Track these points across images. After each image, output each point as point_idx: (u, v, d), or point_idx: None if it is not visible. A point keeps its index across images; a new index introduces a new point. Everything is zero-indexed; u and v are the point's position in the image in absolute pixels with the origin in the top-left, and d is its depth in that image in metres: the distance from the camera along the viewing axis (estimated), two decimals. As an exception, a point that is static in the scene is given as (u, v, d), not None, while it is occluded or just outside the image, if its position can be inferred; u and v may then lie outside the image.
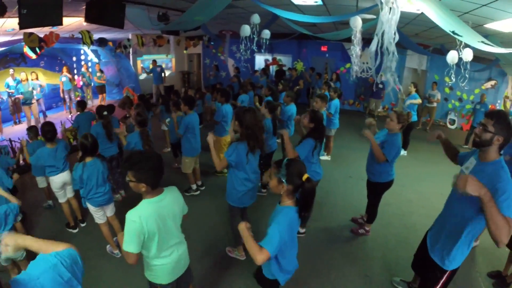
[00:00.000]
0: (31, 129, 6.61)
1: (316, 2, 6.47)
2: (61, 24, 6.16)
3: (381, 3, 2.81)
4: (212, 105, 10.27)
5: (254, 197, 4.79)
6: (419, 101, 9.43)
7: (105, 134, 6.57)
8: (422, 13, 5.46)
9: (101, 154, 5.08)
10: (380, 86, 13.45)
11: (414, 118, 9.28)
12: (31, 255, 4.84)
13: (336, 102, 8.53)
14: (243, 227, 2.81)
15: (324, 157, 8.95)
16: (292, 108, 7.76)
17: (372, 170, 5.24)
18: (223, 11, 7.42)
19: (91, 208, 4.99)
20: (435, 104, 12.73)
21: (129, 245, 2.67)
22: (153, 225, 2.74)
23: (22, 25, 5.60)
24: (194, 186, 7.27)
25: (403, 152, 9.33)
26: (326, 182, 6.22)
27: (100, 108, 6.83)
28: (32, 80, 12.35)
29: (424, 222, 5.22)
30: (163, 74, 16.30)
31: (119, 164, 7.08)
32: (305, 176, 2.78)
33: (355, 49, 6.36)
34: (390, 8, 2.76)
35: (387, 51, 2.89)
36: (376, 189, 5.36)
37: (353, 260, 5.20)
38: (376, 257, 5.27)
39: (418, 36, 9.52)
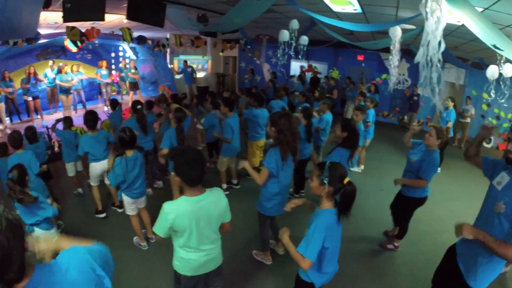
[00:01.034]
0: (66, 120, 6.85)
1: (355, 10, 6.38)
2: (103, 19, 6.28)
3: (426, 12, 2.72)
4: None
5: (283, 207, 4.73)
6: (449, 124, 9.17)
7: (139, 127, 6.72)
8: (462, 25, 5.32)
9: (139, 146, 5.22)
10: (415, 98, 13.21)
11: (450, 134, 8.99)
12: (68, 232, 4.94)
13: (372, 112, 8.40)
14: (286, 239, 2.96)
15: (355, 169, 8.79)
16: (328, 117, 7.68)
17: (408, 186, 5.09)
18: (261, 15, 7.41)
19: (127, 200, 5.09)
20: (468, 120, 12.16)
21: (159, 230, 2.78)
22: (185, 224, 2.75)
23: (65, 19, 5.74)
24: (224, 186, 7.29)
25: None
26: (356, 193, 6.17)
27: (134, 102, 7.04)
28: (71, 72, 12.96)
29: (455, 241, 5.05)
30: (194, 75, 16.53)
31: (155, 159, 7.25)
32: (347, 179, 2.81)
33: (393, 60, 6.22)
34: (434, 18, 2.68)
35: (431, 63, 2.81)
36: (409, 204, 5.18)
37: (379, 275, 5.07)
38: (404, 274, 5.11)
39: (457, 49, 9.28)
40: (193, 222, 2.78)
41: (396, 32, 5.84)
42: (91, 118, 5.94)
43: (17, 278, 1.33)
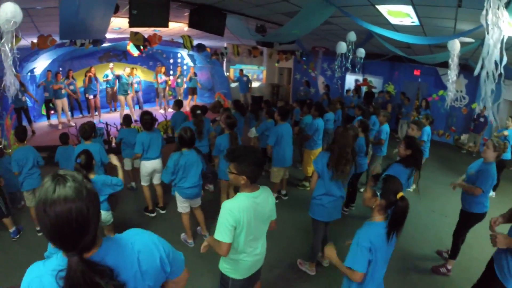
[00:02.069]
0: (125, 118, 7.48)
1: (413, 22, 6.33)
2: (167, 26, 6.51)
3: (487, 24, 2.70)
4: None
5: (337, 213, 4.74)
6: (505, 133, 8.77)
7: (196, 131, 6.83)
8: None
9: (197, 148, 5.37)
10: (482, 119, 12.37)
11: (507, 156, 8.48)
12: (116, 223, 5.12)
13: (427, 129, 8.19)
14: (332, 256, 3.00)
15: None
16: (387, 128, 7.66)
17: (466, 199, 4.99)
18: (319, 28, 7.46)
19: (178, 198, 5.30)
20: None
21: (223, 234, 2.80)
22: (246, 218, 2.85)
23: (131, 24, 6.04)
24: (275, 195, 7.21)
25: (491, 193, 8.52)
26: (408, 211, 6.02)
27: (194, 107, 7.31)
28: (132, 75, 13.72)
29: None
30: (249, 84, 16.76)
31: (207, 162, 7.39)
32: (400, 194, 2.76)
33: (451, 74, 6.09)
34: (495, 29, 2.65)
35: (493, 77, 2.78)
36: (468, 220, 5.05)
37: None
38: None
39: (518, 64, 8.95)
40: (252, 217, 2.89)
41: (455, 46, 5.73)
42: (148, 118, 6.24)
43: (89, 247, 1.41)
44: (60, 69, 13.98)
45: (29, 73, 12.44)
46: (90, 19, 4.89)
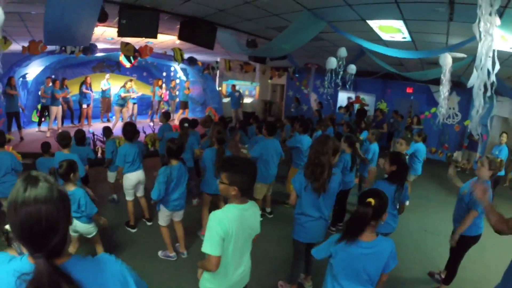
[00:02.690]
0: (106, 129, 7.64)
1: (404, 38, 6.30)
2: (155, 37, 6.53)
3: (480, 32, 2.62)
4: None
5: (318, 235, 4.46)
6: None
7: None
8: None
9: (183, 158, 5.41)
10: (477, 137, 12.20)
11: (501, 172, 8.38)
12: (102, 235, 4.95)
13: (419, 146, 8.06)
14: None
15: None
16: (375, 147, 7.49)
17: (455, 217, 4.81)
18: (310, 43, 7.42)
19: (163, 210, 5.15)
20: None
21: (212, 247, 2.64)
22: (235, 229, 2.72)
23: (120, 33, 6.10)
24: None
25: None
26: (397, 232, 5.75)
27: (182, 120, 7.33)
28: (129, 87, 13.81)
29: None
30: (241, 100, 16.77)
31: (192, 176, 7.30)
32: (370, 199, 2.76)
33: (443, 90, 6.01)
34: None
35: (485, 87, 2.69)
36: (463, 243, 4.78)
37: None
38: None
39: (511, 79, 8.91)
40: (240, 230, 2.77)
41: (447, 60, 5.69)
42: (130, 129, 6.08)
43: (58, 251, 1.39)
44: (53, 76, 13.71)
45: (21, 79, 12.52)
46: (74, 25, 4.85)
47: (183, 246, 5.57)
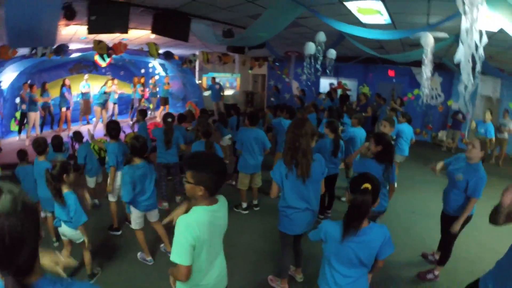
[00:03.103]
0: (76, 134, 7.36)
1: (385, 20, 6.16)
2: (126, 32, 6.32)
3: (463, 4, 2.50)
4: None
5: (306, 225, 4.26)
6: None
7: (163, 139, 6.78)
8: (499, 30, 5.02)
9: (148, 157, 5.07)
10: (460, 116, 12.35)
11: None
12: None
13: (403, 126, 7.99)
14: None
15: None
16: (359, 132, 7.35)
17: (451, 203, 4.65)
18: (288, 31, 7.27)
19: (135, 212, 4.93)
20: (506, 135, 11.17)
21: (181, 256, 2.39)
22: (207, 235, 2.46)
23: (90, 30, 5.89)
24: (244, 205, 6.96)
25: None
26: (386, 216, 5.65)
27: (166, 115, 7.08)
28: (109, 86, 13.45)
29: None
30: (221, 92, 16.63)
31: (177, 172, 7.21)
32: (366, 185, 2.64)
33: (426, 71, 5.89)
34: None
35: (472, 62, 2.58)
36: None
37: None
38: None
39: (493, 59, 8.84)
40: (211, 233, 2.52)
41: (429, 40, 5.54)
42: (114, 127, 5.88)
43: (26, 269, 1.25)
44: (29, 81, 13.17)
45: None
46: (36, 24, 4.61)
47: (168, 245, 5.33)
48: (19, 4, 4.12)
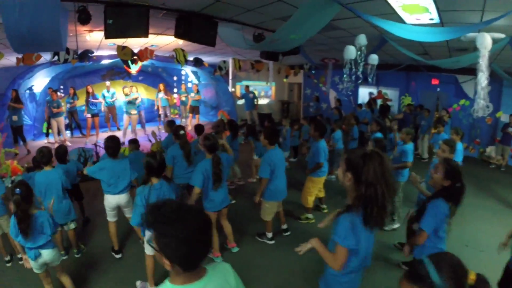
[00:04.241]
0: (133, 141, 7.39)
1: (432, 19, 5.40)
2: (146, 36, 5.86)
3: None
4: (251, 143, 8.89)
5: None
6: None
7: (183, 155, 6.12)
8: None
9: (166, 176, 4.58)
10: (511, 129, 11.00)
11: None
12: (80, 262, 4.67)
13: (460, 147, 6.63)
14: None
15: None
16: (409, 147, 6.25)
17: None
18: (324, 35, 6.64)
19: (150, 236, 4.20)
20: None
21: None
22: None
23: (107, 35, 5.49)
24: (270, 235, 6.04)
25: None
26: None
27: (176, 128, 6.38)
28: (131, 93, 13.06)
29: None
30: (255, 101, 16.04)
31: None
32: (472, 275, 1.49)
33: (482, 78, 4.91)
34: None
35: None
36: None
37: None
38: None
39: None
40: None
41: (486, 42, 4.67)
42: (111, 144, 5.31)
43: None
44: (62, 87, 13.99)
45: (27, 91, 12.50)
46: (37, 30, 4.19)
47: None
48: (14, 8, 3.78)
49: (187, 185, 6.12)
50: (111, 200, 5.30)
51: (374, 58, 7.64)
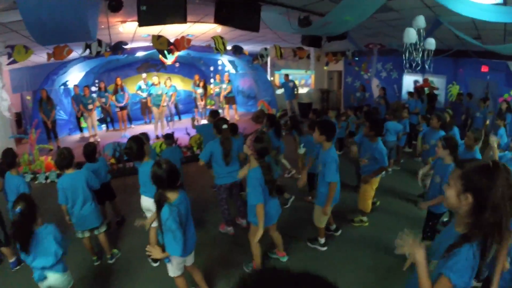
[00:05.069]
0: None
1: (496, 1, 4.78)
2: (184, 22, 5.46)
3: None
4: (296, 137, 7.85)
5: None
6: None
7: (222, 153, 5.31)
8: None
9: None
10: None
11: None
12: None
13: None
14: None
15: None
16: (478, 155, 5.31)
17: None
18: (372, 17, 6.05)
19: (177, 259, 3.60)
20: None
21: None
22: None
23: (141, 23, 5.16)
24: (322, 241, 5.26)
25: None
26: None
27: (219, 120, 5.50)
28: (165, 85, 12.99)
29: None
30: (295, 90, 15.41)
31: (238, 191, 6.03)
32: None
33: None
34: None
35: None
36: None
37: None
38: None
39: None
40: None
41: None
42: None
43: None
44: (97, 81, 13.94)
45: (62, 87, 12.71)
46: (59, 15, 3.83)
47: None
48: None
49: (230, 185, 5.56)
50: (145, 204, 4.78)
51: (431, 43, 6.89)
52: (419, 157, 8.61)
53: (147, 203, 4.59)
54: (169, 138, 6.87)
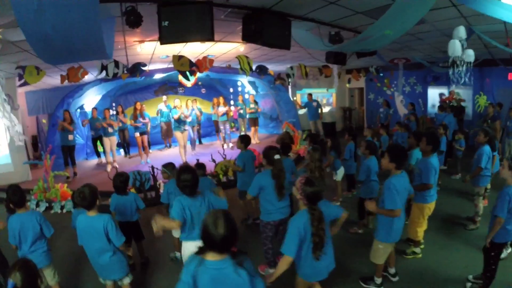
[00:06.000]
0: (200, 167, 6.04)
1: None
2: (212, 39, 4.99)
3: None
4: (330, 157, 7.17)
5: None
6: None
7: (275, 187, 4.58)
8: None
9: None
10: None
11: None
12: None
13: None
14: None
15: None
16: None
17: None
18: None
19: None
20: None
21: None
22: None
23: (163, 40, 4.72)
24: (379, 281, 4.55)
25: None
26: None
27: (269, 150, 4.77)
28: (186, 107, 12.56)
29: None
30: (319, 110, 14.92)
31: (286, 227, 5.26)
32: None
33: None
34: None
35: None
36: None
37: None
38: None
39: None
40: None
41: None
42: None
43: None
44: (114, 104, 13.75)
45: (78, 110, 12.51)
46: (65, 28, 3.41)
47: None
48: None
49: (281, 221, 4.76)
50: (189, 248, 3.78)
51: (470, 55, 6.35)
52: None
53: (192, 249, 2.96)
54: (201, 168, 6.08)
